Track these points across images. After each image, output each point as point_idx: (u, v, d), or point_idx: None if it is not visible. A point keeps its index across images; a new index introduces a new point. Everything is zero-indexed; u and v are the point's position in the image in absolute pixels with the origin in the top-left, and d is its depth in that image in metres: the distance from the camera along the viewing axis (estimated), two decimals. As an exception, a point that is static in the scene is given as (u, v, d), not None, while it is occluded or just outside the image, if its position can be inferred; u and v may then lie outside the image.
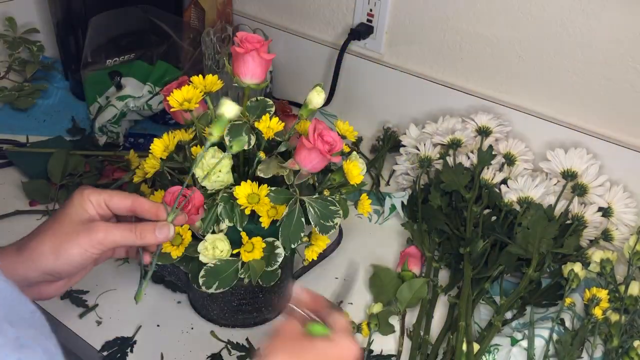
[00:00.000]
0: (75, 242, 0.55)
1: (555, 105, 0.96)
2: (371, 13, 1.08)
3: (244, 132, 0.64)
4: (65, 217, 0.56)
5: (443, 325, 0.77)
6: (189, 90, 0.65)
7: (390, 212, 0.97)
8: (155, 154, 0.68)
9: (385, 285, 0.81)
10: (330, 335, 0.54)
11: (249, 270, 0.64)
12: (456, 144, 0.92)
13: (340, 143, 0.64)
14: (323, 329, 0.55)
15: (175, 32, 1.13)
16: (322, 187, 0.69)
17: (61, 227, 0.56)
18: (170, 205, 0.59)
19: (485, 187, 0.88)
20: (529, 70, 0.96)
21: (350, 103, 1.18)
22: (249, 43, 0.65)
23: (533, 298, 0.79)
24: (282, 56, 1.22)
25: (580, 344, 0.73)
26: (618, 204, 0.85)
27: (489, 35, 0.97)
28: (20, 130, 1.09)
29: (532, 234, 0.79)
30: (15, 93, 1.14)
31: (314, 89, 0.67)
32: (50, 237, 0.55)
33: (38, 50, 1.21)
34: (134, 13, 1.11)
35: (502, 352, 0.73)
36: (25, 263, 0.55)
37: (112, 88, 1.07)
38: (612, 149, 0.91)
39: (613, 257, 0.79)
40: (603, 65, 0.89)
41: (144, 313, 0.77)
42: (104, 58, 1.09)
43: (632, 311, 0.74)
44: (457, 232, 0.86)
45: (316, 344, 0.53)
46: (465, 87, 1.04)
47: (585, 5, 0.86)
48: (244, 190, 0.62)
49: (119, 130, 1.05)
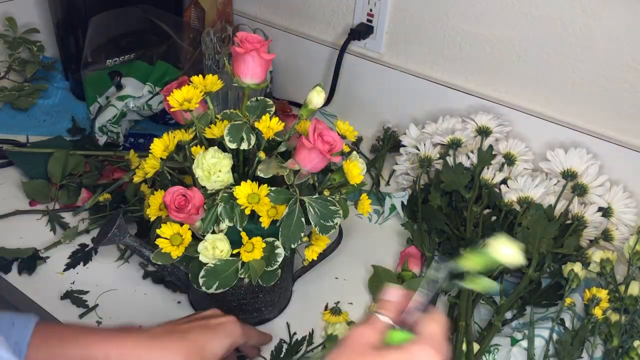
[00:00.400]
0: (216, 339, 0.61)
1: (555, 105, 0.96)
2: (371, 13, 1.08)
3: (244, 132, 0.64)
4: None
5: (443, 325, 0.77)
6: (189, 90, 0.65)
7: (390, 212, 0.97)
8: (155, 154, 0.68)
9: (385, 285, 0.81)
10: (409, 344, 0.46)
11: (249, 270, 0.64)
12: (456, 144, 0.92)
13: (340, 143, 0.64)
14: (405, 336, 0.47)
15: (175, 32, 1.13)
16: (322, 187, 0.69)
17: None
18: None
19: (485, 187, 0.88)
20: (529, 70, 0.96)
21: (350, 103, 1.18)
22: (249, 43, 0.65)
23: (533, 298, 0.79)
24: (282, 56, 1.22)
25: (580, 344, 0.73)
26: (618, 204, 0.85)
27: (489, 35, 0.97)
28: (20, 130, 1.09)
29: (532, 234, 0.79)
30: (15, 93, 1.14)
31: (314, 89, 0.67)
32: None
33: (38, 50, 1.21)
34: (134, 13, 1.11)
35: (502, 352, 0.73)
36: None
37: (112, 88, 1.07)
38: (612, 149, 0.91)
39: (613, 257, 0.79)
40: (603, 65, 0.89)
41: (144, 313, 0.78)
42: (104, 58, 1.09)
43: (632, 311, 0.74)
44: (457, 232, 0.86)
45: (386, 356, 0.45)
46: (465, 87, 1.04)
47: (585, 5, 0.86)
48: (244, 190, 0.62)
49: (119, 130, 1.05)
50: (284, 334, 0.76)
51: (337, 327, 0.74)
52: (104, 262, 0.84)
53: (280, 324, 0.78)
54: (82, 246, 0.85)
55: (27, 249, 0.84)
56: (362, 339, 0.46)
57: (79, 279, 0.81)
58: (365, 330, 0.47)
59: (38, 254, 0.83)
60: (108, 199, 0.90)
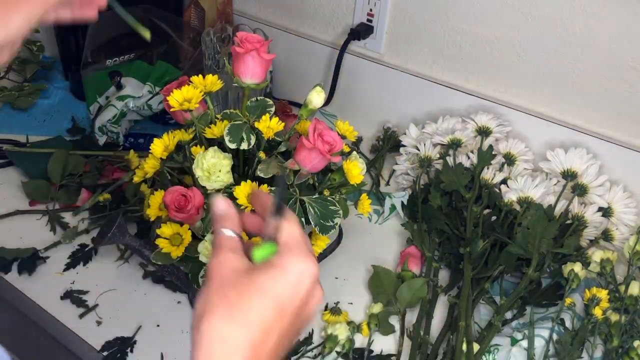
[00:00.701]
0: (19, 10, 0.47)
1: (555, 105, 0.96)
2: (371, 13, 1.08)
3: (244, 132, 0.64)
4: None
5: (443, 325, 0.77)
6: (189, 90, 0.65)
7: (390, 212, 0.97)
8: (155, 154, 0.68)
9: (385, 285, 0.81)
10: (277, 257, 0.42)
11: (249, 270, 0.64)
12: (456, 144, 0.92)
13: (340, 143, 0.64)
14: (268, 249, 0.43)
15: (175, 32, 1.12)
16: (322, 187, 0.69)
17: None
18: None
19: (485, 187, 0.88)
20: (529, 70, 0.96)
21: (350, 103, 1.18)
22: (249, 43, 0.65)
23: (533, 298, 0.79)
24: (282, 56, 1.22)
25: (580, 344, 0.73)
26: (618, 204, 0.85)
27: (489, 35, 0.97)
28: (20, 130, 1.09)
29: (532, 234, 0.79)
30: (15, 93, 1.14)
31: (314, 89, 0.67)
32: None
33: (38, 50, 1.21)
34: (134, 13, 1.10)
35: (502, 352, 0.73)
36: None
37: (112, 88, 1.07)
38: (612, 149, 0.91)
39: (613, 257, 0.79)
40: (603, 65, 0.89)
41: (144, 313, 0.78)
42: (104, 58, 1.08)
43: (632, 311, 0.74)
44: (457, 232, 0.86)
45: (258, 280, 0.41)
46: (465, 87, 1.04)
47: (585, 5, 0.86)
48: (244, 190, 0.62)
49: (119, 130, 1.05)
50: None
51: (337, 327, 0.74)
52: (104, 262, 0.84)
53: (280, 324, 0.78)
54: (82, 246, 0.85)
55: (27, 249, 0.84)
56: (225, 268, 0.42)
57: (79, 279, 0.81)
58: (224, 257, 0.42)
59: (38, 254, 0.83)
60: (108, 199, 0.90)
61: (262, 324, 0.40)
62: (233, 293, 0.40)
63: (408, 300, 0.78)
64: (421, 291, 0.78)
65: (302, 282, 0.42)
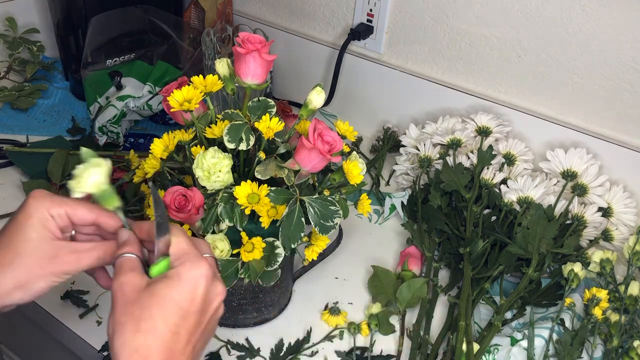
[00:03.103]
0: (42, 278, 0.49)
1: (555, 105, 0.96)
2: (371, 13, 1.08)
3: (244, 132, 0.64)
4: (25, 244, 0.48)
5: (443, 325, 0.77)
6: (189, 90, 0.65)
7: (390, 212, 0.97)
8: (155, 154, 0.68)
9: (385, 285, 0.81)
10: (171, 270, 0.47)
11: (249, 270, 0.64)
12: (456, 144, 0.92)
13: (340, 143, 0.64)
14: (163, 264, 0.47)
15: (175, 32, 1.13)
16: (322, 187, 0.69)
17: (22, 258, 0.48)
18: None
19: (485, 187, 0.88)
20: (528, 70, 0.96)
21: (350, 103, 1.18)
22: (250, 44, 0.65)
23: (533, 298, 0.79)
24: (282, 56, 1.22)
25: (580, 344, 0.73)
26: (618, 204, 0.85)
27: (489, 35, 0.97)
28: (20, 130, 1.09)
29: (532, 234, 0.79)
30: (15, 93, 1.14)
31: (314, 89, 0.67)
32: (11, 272, 0.48)
33: (38, 50, 1.21)
34: (134, 13, 1.11)
35: (502, 352, 0.73)
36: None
37: (112, 88, 1.07)
38: (612, 149, 0.91)
39: (613, 257, 0.79)
40: (603, 65, 0.89)
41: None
42: (104, 58, 1.09)
43: (632, 311, 0.74)
44: (457, 232, 0.86)
45: (157, 292, 0.45)
46: (465, 87, 1.04)
47: (585, 4, 0.86)
48: (244, 190, 0.62)
49: (119, 130, 1.05)
50: (284, 333, 0.76)
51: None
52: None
53: (280, 324, 0.78)
54: (82, 246, 0.85)
55: (27, 249, 0.84)
56: (127, 288, 0.46)
57: (79, 279, 0.81)
58: (124, 278, 0.46)
59: (38, 254, 0.83)
60: (108, 199, 0.90)
61: (168, 328, 0.45)
62: (137, 309, 0.44)
63: (408, 300, 0.78)
64: (421, 291, 0.78)
65: (197, 285, 0.47)
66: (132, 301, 0.45)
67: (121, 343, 0.43)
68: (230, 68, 0.70)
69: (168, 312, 0.45)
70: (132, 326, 0.44)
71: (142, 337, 0.43)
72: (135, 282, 0.46)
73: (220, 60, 0.69)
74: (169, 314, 0.45)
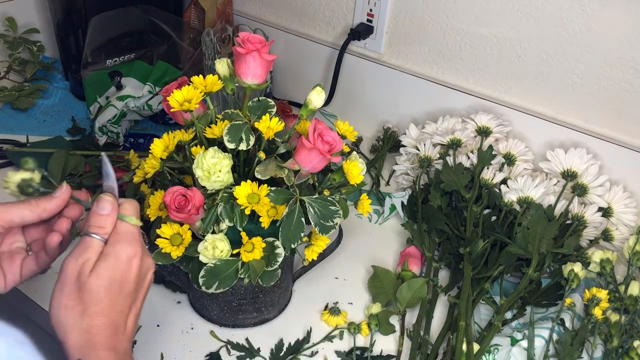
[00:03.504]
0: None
1: (555, 105, 0.96)
2: (371, 13, 1.08)
3: (243, 132, 0.64)
4: None
5: (443, 325, 0.77)
6: (189, 90, 0.65)
7: (390, 212, 0.97)
8: (155, 154, 0.68)
9: (385, 285, 0.81)
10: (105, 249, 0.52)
11: (249, 270, 0.64)
12: (456, 144, 0.92)
13: (340, 143, 0.64)
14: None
15: (175, 32, 1.13)
16: (322, 187, 0.69)
17: None
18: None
19: (485, 187, 0.88)
20: (529, 70, 0.96)
21: (350, 103, 1.18)
22: (250, 43, 0.65)
23: (533, 298, 0.79)
24: (282, 56, 1.22)
25: (580, 344, 0.73)
26: (618, 204, 0.85)
27: (489, 35, 0.97)
28: (20, 130, 1.09)
29: (532, 234, 0.79)
30: (15, 93, 1.14)
31: (314, 89, 0.67)
32: None
33: (38, 50, 1.21)
34: (134, 13, 1.11)
35: (502, 352, 0.73)
36: None
37: (112, 88, 1.07)
38: (612, 149, 0.91)
39: (613, 257, 0.79)
40: (603, 65, 0.89)
41: (144, 313, 0.77)
42: (104, 58, 1.09)
43: (632, 311, 0.74)
44: (457, 232, 0.86)
45: (101, 275, 0.50)
46: (465, 87, 1.04)
47: (585, 5, 0.86)
48: (244, 190, 0.62)
49: (119, 130, 1.05)
50: (284, 334, 0.76)
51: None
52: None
53: (280, 324, 0.78)
54: (82, 246, 0.85)
55: (27, 249, 0.84)
56: (85, 269, 0.50)
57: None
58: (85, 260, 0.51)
59: (38, 254, 0.83)
60: (108, 199, 0.90)
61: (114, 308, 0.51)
62: (86, 294, 0.50)
63: (408, 300, 0.78)
64: (421, 291, 0.78)
65: (132, 264, 0.52)
66: (81, 286, 0.50)
67: (71, 324, 0.49)
68: (230, 68, 0.70)
69: (113, 293, 0.51)
70: (81, 309, 0.49)
71: (90, 319, 0.49)
72: (76, 264, 0.51)
73: (220, 60, 0.69)
74: (113, 295, 0.51)
